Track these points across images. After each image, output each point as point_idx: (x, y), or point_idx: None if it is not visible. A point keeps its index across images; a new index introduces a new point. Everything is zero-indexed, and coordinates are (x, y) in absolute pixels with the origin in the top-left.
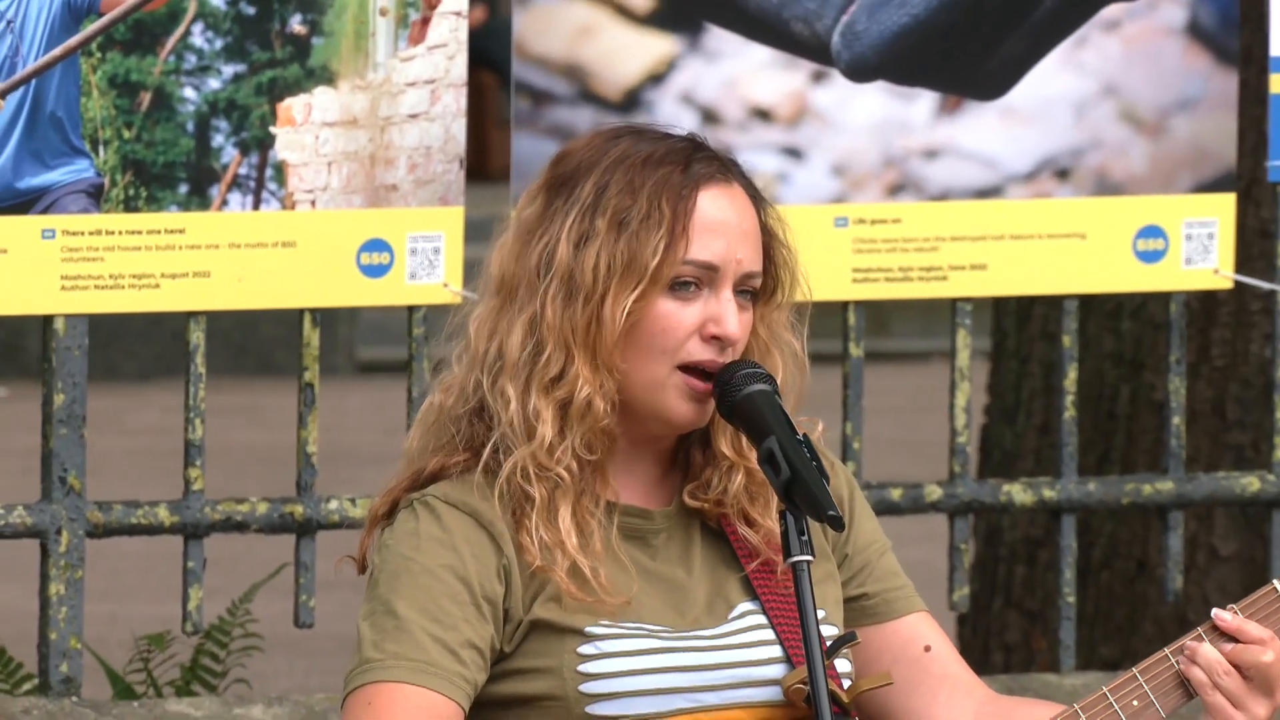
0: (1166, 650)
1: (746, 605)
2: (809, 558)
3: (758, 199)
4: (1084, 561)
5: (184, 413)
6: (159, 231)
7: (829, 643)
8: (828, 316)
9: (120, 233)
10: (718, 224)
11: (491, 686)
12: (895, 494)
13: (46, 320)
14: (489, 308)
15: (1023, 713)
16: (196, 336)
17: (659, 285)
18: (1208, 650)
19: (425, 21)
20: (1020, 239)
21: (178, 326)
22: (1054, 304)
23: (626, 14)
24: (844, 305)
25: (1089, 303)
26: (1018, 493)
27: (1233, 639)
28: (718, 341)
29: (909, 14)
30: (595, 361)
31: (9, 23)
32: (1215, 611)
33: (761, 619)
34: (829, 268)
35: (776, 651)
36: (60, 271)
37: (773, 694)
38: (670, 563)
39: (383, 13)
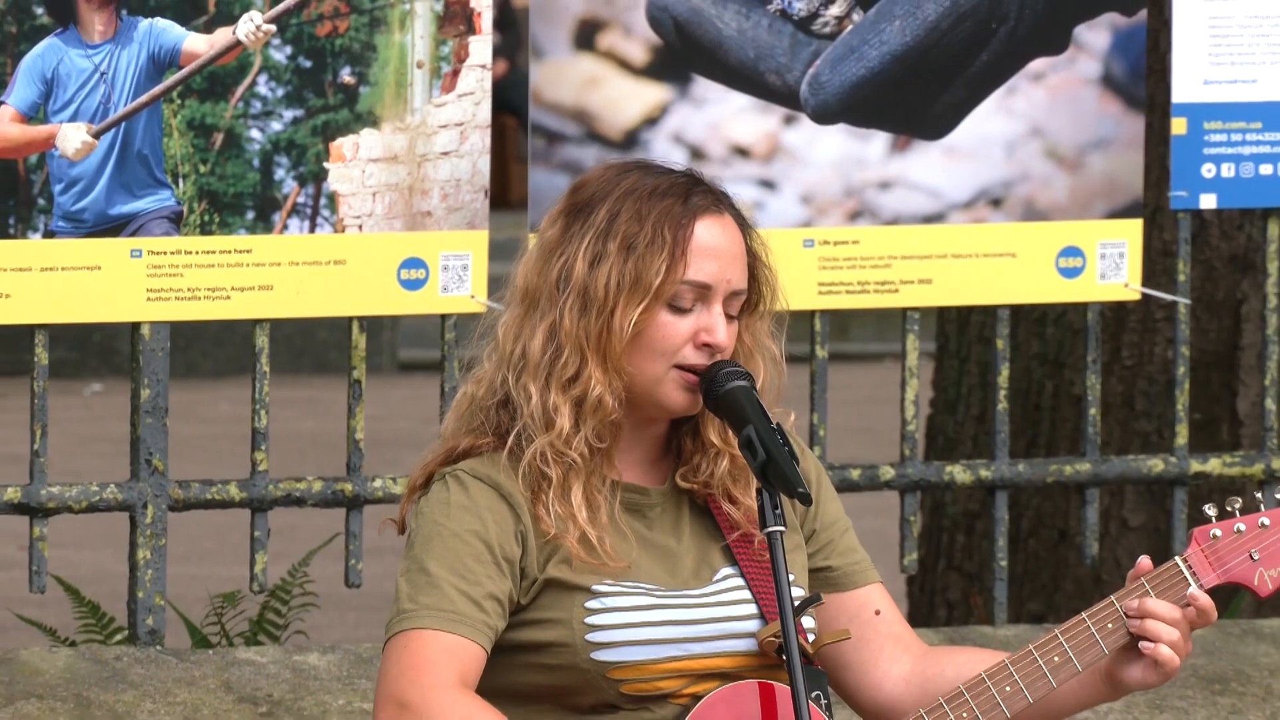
0: (1084, 615)
1: (727, 570)
2: (782, 528)
3: (745, 226)
4: (1014, 531)
5: (251, 405)
6: (230, 251)
7: (797, 602)
8: (798, 323)
9: (197, 252)
10: (711, 249)
11: (509, 633)
12: (855, 474)
13: (134, 326)
14: (515, 314)
15: (951, 659)
16: (261, 340)
17: (660, 300)
18: (1158, 608)
19: (455, 73)
20: (960, 257)
21: (246, 332)
22: (989, 313)
23: (626, 67)
24: (811, 314)
25: (1018, 311)
26: (958, 473)
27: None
28: (709, 348)
29: (865, 67)
30: (606, 364)
31: (102, 74)
32: (1140, 563)
33: (740, 582)
34: (798, 282)
35: (752, 610)
36: (146, 285)
37: (749, 645)
38: (664, 533)
39: (419, 65)
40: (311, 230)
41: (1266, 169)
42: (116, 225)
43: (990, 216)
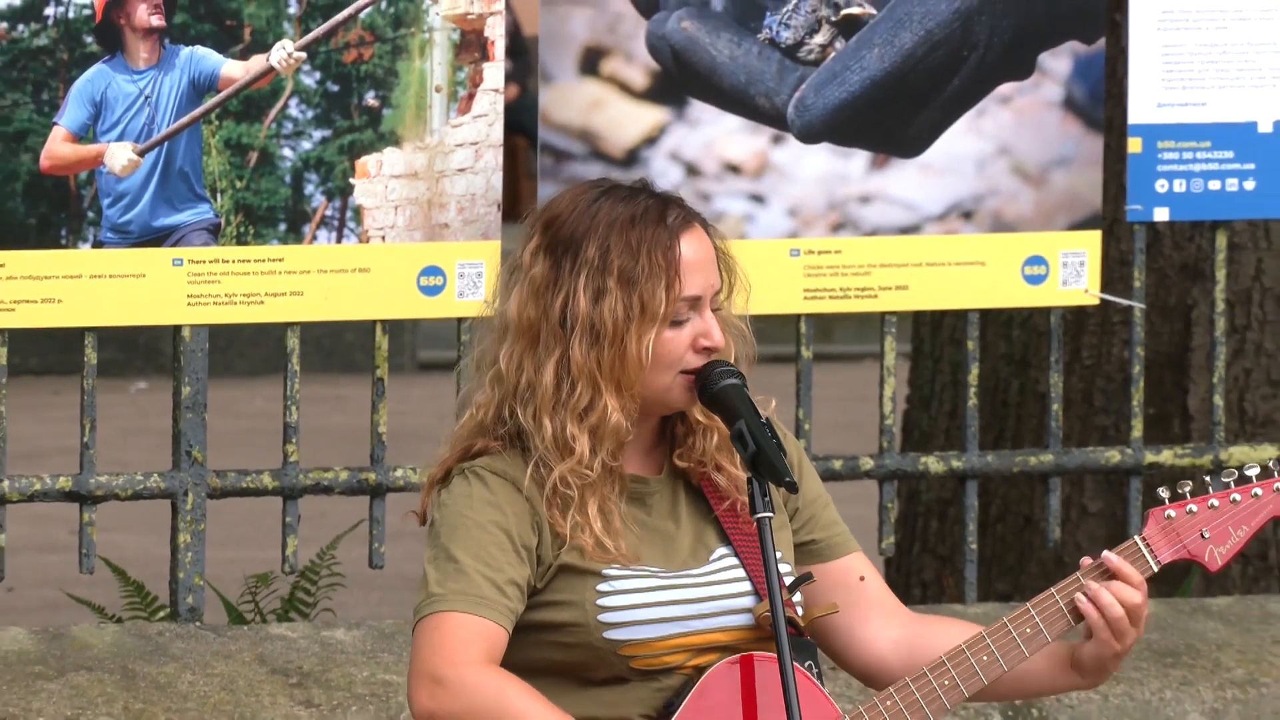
0: (1053, 590)
1: (722, 550)
2: (770, 514)
3: (708, 226)
4: (983, 517)
5: (283, 401)
6: (264, 260)
7: (789, 580)
8: (785, 326)
9: (233, 261)
10: (695, 263)
11: (527, 614)
12: (837, 464)
13: (176, 329)
14: (516, 347)
15: (937, 629)
16: (293, 342)
17: (665, 321)
18: (1106, 594)
19: (471, 97)
20: (934, 266)
21: (278, 334)
22: (960, 316)
23: (628, 91)
24: (797, 317)
25: (987, 315)
26: (932, 463)
27: (1114, 578)
28: (708, 350)
29: (847, 91)
30: (620, 390)
31: (147, 98)
32: (1105, 554)
33: (734, 561)
34: (785, 288)
35: (747, 587)
36: (187, 291)
37: (746, 620)
38: (662, 518)
39: (438, 90)
40: (338, 241)
41: (1215, 185)
42: (159, 236)
43: (961, 228)
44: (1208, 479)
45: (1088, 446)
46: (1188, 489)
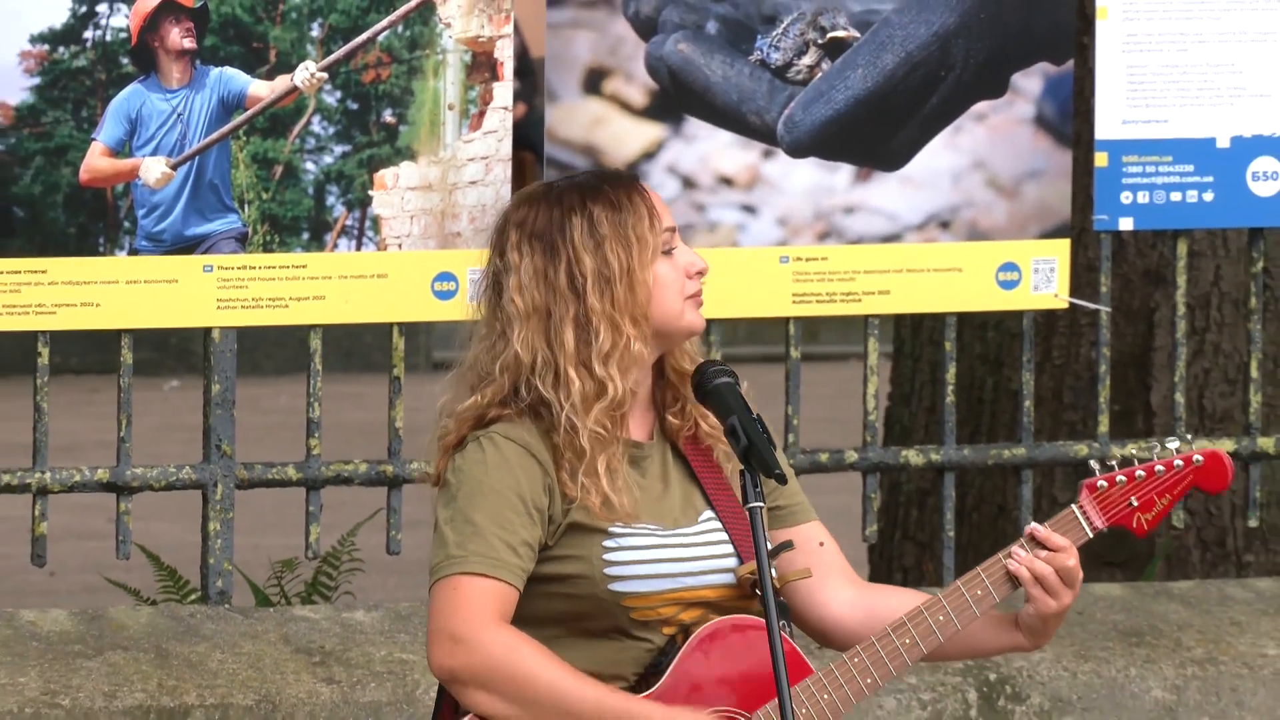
0: (1000, 555)
1: (708, 513)
2: (761, 504)
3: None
4: (960, 506)
5: (306, 398)
6: (288, 267)
7: (770, 547)
8: (774, 328)
9: (260, 268)
10: (660, 202)
11: (538, 568)
12: (823, 457)
13: (206, 331)
14: (527, 329)
15: (886, 593)
16: (315, 342)
17: (659, 251)
18: (1034, 559)
19: (481, 114)
20: (914, 272)
21: (302, 335)
22: (938, 319)
23: (628, 109)
24: (786, 320)
25: (964, 318)
26: (912, 456)
27: (1043, 546)
28: (700, 273)
29: (833, 109)
30: (636, 320)
31: (179, 115)
32: (1031, 525)
33: (718, 524)
34: (775, 293)
35: (730, 550)
36: (216, 295)
37: (728, 579)
38: (654, 480)
39: (450, 108)
40: (358, 248)
41: (1176, 196)
42: (191, 244)
43: (940, 236)
44: (1133, 451)
45: (1058, 441)
46: (1115, 461)
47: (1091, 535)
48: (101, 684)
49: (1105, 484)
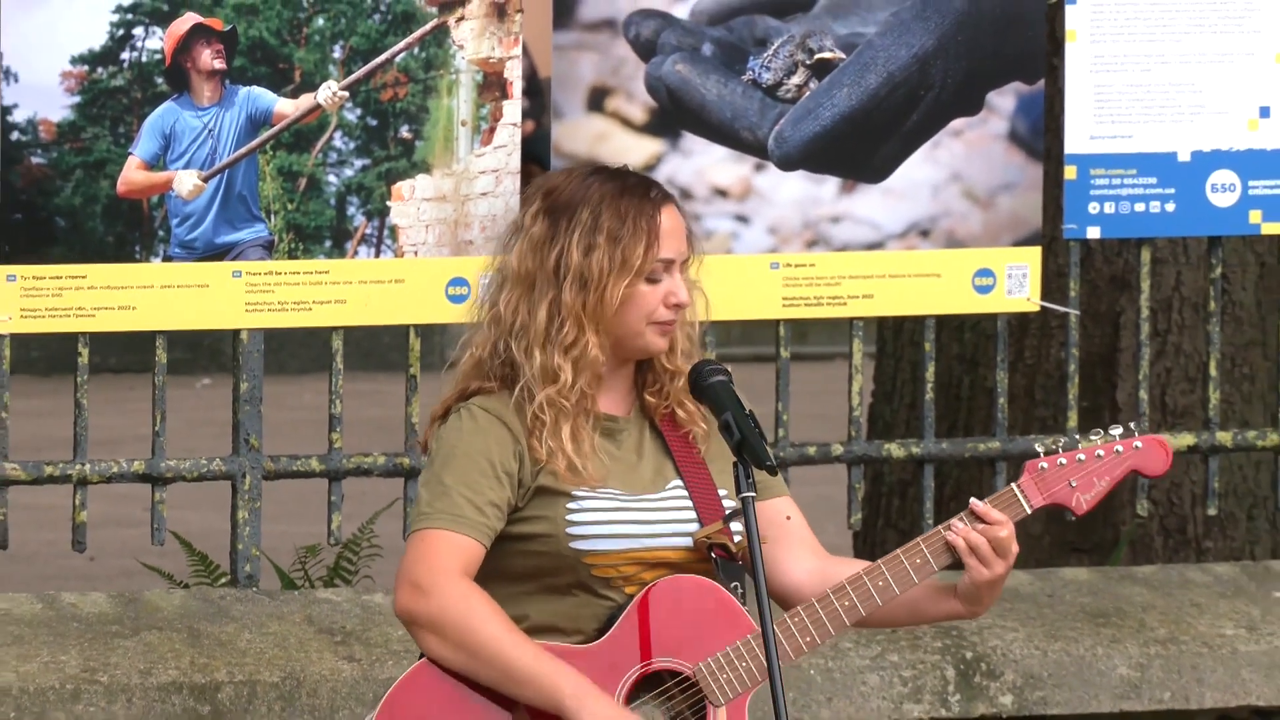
0: (940, 527)
1: (675, 481)
2: (753, 494)
3: (680, 208)
4: (939, 496)
5: (328, 395)
6: (311, 273)
7: (728, 510)
8: (765, 330)
9: (285, 273)
10: (671, 231)
11: (508, 527)
12: (811, 450)
13: (235, 333)
14: (514, 293)
15: (846, 564)
16: (337, 343)
17: (641, 276)
18: (970, 530)
19: (492, 130)
20: (896, 277)
21: (325, 337)
22: (919, 322)
23: (629, 125)
24: (777, 322)
25: (942, 321)
26: (894, 450)
27: (981, 520)
28: (676, 306)
29: (820, 125)
30: (599, 329)
31: (210, 131)
32: (971, 500)
33: (684, 492)
34: (766, 297)
35: (692, 515)
36: (245, 299)
37: (688, 542)
38: (628, 451)
39: (463, 124)
40: (377, 255)
41: (1140, 207)
42: (221, 251)
43: (920, 244)
44: (1078, 437)
45: (1030, 435)
46: (1060, 444)
47: (1030, 511)
48: (138, 662)
49: (1047, 465)
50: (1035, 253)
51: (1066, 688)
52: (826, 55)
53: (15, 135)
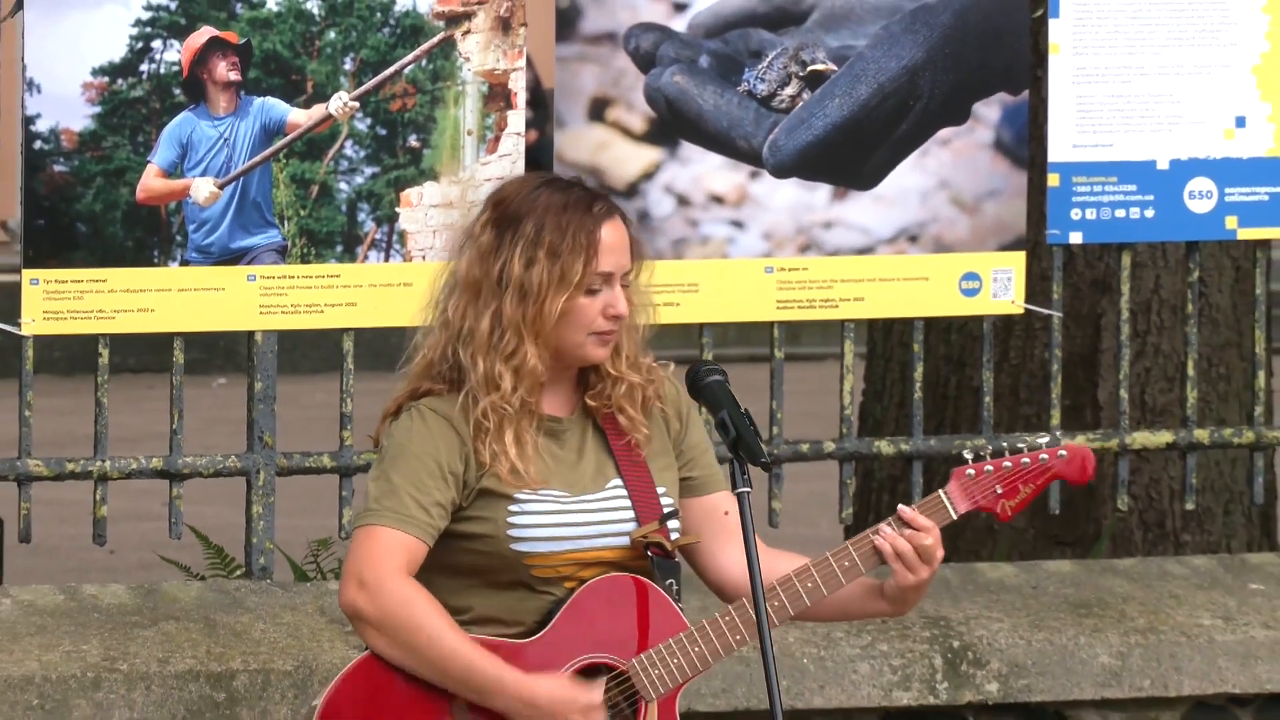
0: (868, 531)
1: (615, 481)
2: (749, 489)
3: (626, 219)
4: (927, 491)
5: (339, 394)
6: (323, 276)
7: (666, 510)
8: (760, 331)
9: (298, 277)
10: (611, 245)
11: (453, 526)
12: (804, 447)
13: (250, 334)
14: (461, 300)
15: (781, 559)
16: (348, 344)
17: (580, 289)
18: (897, 536)
19: (497, 139)
20: (886, 281)
21: (336, 338)
22: (907, 323)
23: (629, 134)
24: (771, 324)
25: (930, 323)
26: (884, 447)
27: (909, 526)
28: (615, 318)
29: (813, 134)
30: (538, 340)
31: (225, 140)
32: (899, 507)
33: (624, 493)
34: (761, 300)
35: (630, 515)
36: (259, 302)
37: (625, 542)
38: (571, 451)
39: (469, 133)
40: (386, 260)
41: (1120, 213)
42: (236, 256)
43: (909, 249)
44: (1004, 445)
45: (1014, 432)
46: (988, 452)
47: (955, 517)
48: (156, 651)
49: (974, 472)
50: (1020, 257)
51: (1050, 676)
52: (819, 67)
53: (38, 144)
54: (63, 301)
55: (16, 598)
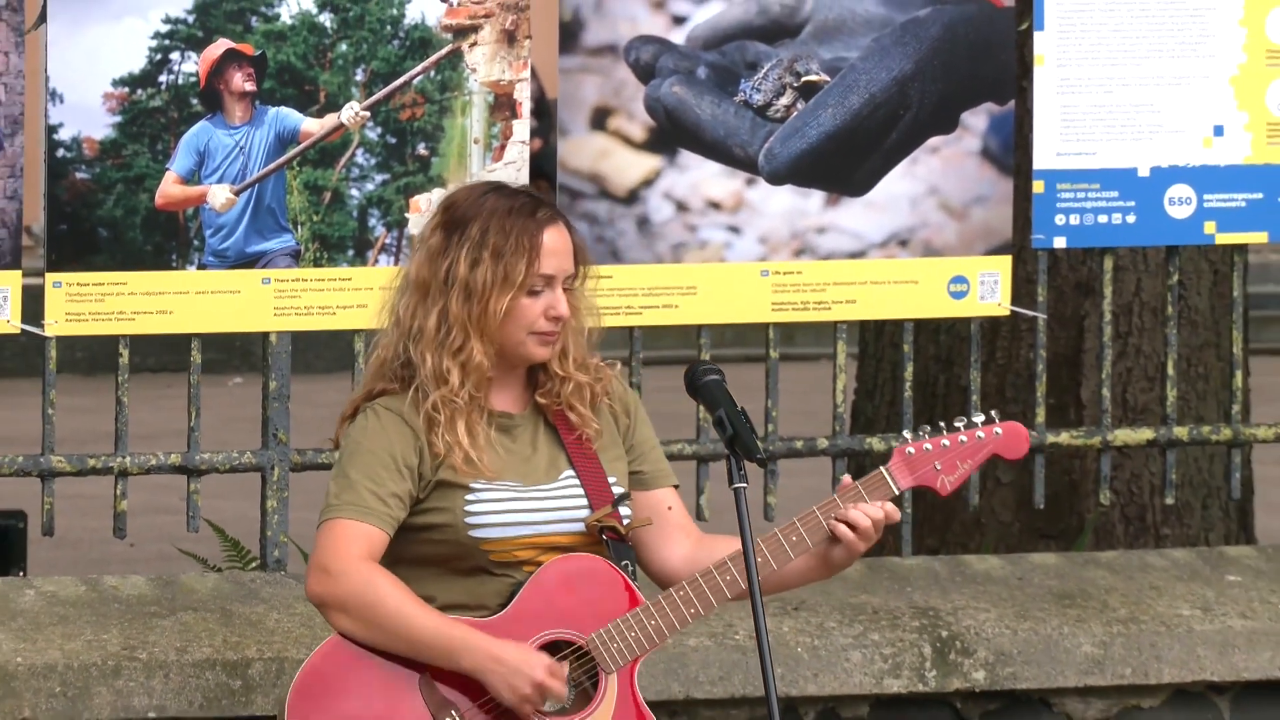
0: (814, 509)
1: (568, 471)
2: (745, 485)
3: (570, 226)
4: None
5: (350, 394)
6: (335, 279)
7: (616, 494)
8: (756, 332)
9: (311, 280)
10: (553, 250)
11: (411, 518)
12: (799, 444)
13: (265, 335)
14: (411, 299)
15: (720, 544)
16: (359, 345)
17: (523, 290)
18: (855, 512)
19: (502, 147)
20: (877, 284)
21: (348, 339)
22: (898, 325)
23: (629, 142)
24: (766, 325)
25: (920, 324)
26: (875, 443)
27: (860, 501)
28: (556, 319)
29: (807, 142)
30: (483, 337)
31: (241, 147)
32: (844, 478)
33: (576, 481)
34: (756, 302)
35: (584, 502)
36: (273, 304)
37: (579, 527)
38: (523, 444)
39: (476, 142)
40: (396, 264)
41: (1103, 218)
42: (251, 260)
43: (899, 253)
44: (942, 425)
45: None
46: (927, 431)
47: (898, 492)
48: (174, 640)
49: (914, 450)
50: (1006, 261)
51: (1035, 664)
52: (813, 78)
53: (61, 152)
54: (84, 304)
55: (40, 589)
